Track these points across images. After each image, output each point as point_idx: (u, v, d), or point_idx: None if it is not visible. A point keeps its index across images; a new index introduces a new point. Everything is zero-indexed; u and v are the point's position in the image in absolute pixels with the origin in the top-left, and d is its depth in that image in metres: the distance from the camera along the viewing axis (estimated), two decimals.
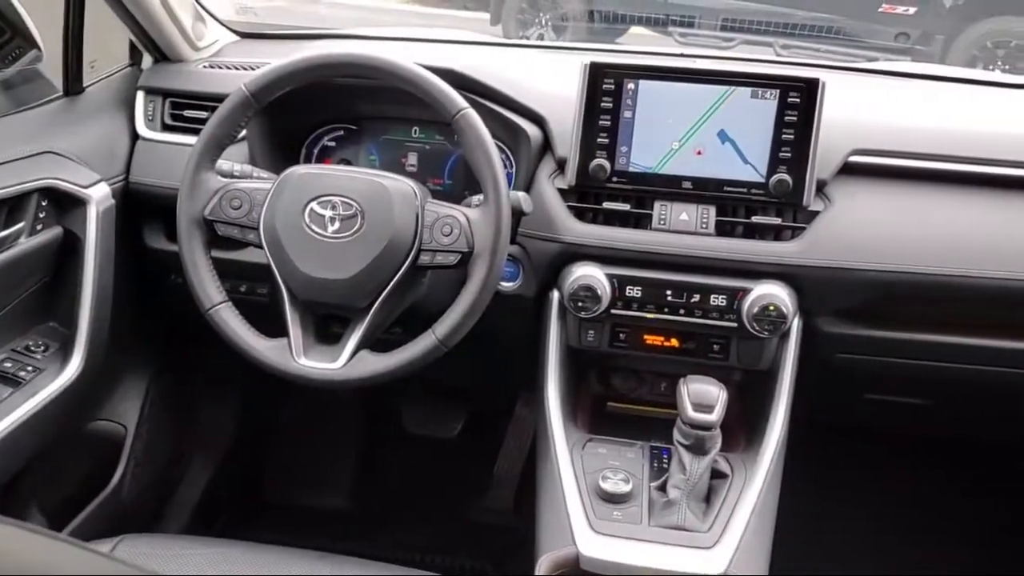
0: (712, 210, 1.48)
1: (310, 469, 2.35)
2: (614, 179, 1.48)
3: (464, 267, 1.33)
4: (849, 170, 1.48)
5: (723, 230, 1.48)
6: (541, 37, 5.72)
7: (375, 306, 1.33)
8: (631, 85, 1.45)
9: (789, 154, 1.42)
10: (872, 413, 1.78)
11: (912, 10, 5.39)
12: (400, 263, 1.32)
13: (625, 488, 1.33)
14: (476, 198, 1.37)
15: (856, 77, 1.88)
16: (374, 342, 1.36)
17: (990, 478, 2.17)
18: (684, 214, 1.48)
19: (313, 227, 1.32)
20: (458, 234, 1.32)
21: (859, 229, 1.46)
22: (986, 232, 1.47)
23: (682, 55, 1.82)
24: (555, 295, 1.52)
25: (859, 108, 1.61)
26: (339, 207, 1.32)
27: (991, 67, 5.21)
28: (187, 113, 1.72)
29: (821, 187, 1.47)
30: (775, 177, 1.43)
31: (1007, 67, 5.18)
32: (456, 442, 2.34)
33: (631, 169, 1.48)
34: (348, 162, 1.72)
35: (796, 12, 5.14)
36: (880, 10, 5.37)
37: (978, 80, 1.88)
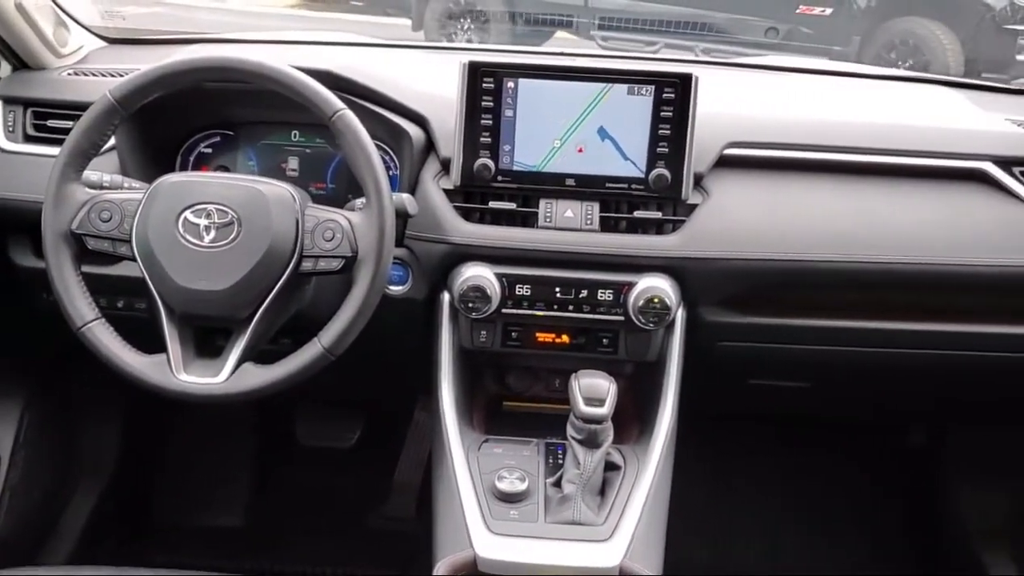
0: (596, 206, 1.49)
1: (202, 488, 2.28)
2: (499, 178, 1.48)
3: (349, 272, 1.31)
4: (725, 163, 1.52)
5: (607, 226, 1.49)
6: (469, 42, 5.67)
7: (257, 316, 1.29)
8: (511, 84, 1.45)
9: (666, 149, 1.45)
10: (757, 398, 1.84)
11: (828, 11, 5.61)
12: (281, 271, 1.29)
13: (521, 487, 1.33)
14: (359, 201, 1.35)
15: (731, 72, 1.93)
16: (258, 354, 1.32)
17: (871, 454, 2.27)
18: (569, 211, 1.49)
19: (188, 237, 1.28)
20: (340, 238, 1.29)
21: (736, 220, 1.50)
22: (858, 218, 1.53)
23: (562, 53, 1.84)
24: (445, 297, 1.52)
25: (733, 102, 1.66)
26: (214, 215, 1.28)
27: (900, 64, 5.44)
28: (51, 123, 1.63)
29: (699, 180, 1.50)
30: (654, 172, 1.46)
31: (910, 64, 5.42)
32: (354, 451, 2.31)
33: (515, 168, 1.48)
34: (226, 169, 1.67)
35: (715, 15, 5.25)
36: (797, 11, 5.56)
37: (846, 72, 1.97)
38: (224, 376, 1.28)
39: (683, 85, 1.43)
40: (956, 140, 1.58)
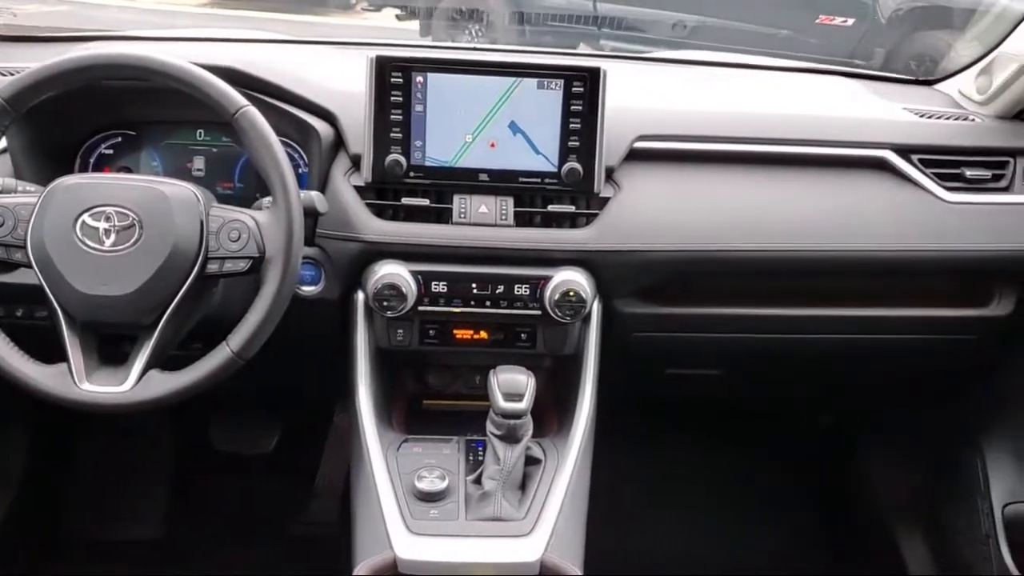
0: (510, 201, 1.49)
1: (115, 499, 2.20)
2: (411, 174, 1.47)
3: (257, 273, 1.28)
4: (635, 156, 1.54)
5: (522, 220, 1.49)
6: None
7: (162, 322, 1.26)
8: (420, 79, 1.44)
9: (578, 143, 1.46)
10: (673, 386, 1.87)
11: (850, 21, 5.65)
12: (186, 274, 1.25)
13: (441, 485, 1.33)
14: (266, 200, 1.32)
15: (640, 66, 1.95)
16: (167, 360, 1.29)
17: (786, 437, 2.33)
18: (483, 206, 1.48)
19: (86, 241, 1.23)
20: (247, 239, 1.27)
21: (647, 212, 1.52)
22: (764, 207, 1.56)
23: (475, 48, 1.83)
24: (360, 296, 1.49)
25: (643, 96, 1.68)
26: (114, 218, 1.24)
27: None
28: None
29: (610, 174, 1.52)
30: (566, 166, 1.46)
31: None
32: (273, 456, 2.26)
33: (427, 163, 1.47)
34: (129, 170, 1.61)
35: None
36: (817, 22, 5.59)
37: (752, 65, 2.00)
38: (129, 384, 1.24)
39: (592, 79, 1.44)
40: (857, 129, 1.63)
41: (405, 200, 1.48)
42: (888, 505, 2.09)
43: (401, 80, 1.44)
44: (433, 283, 1.47)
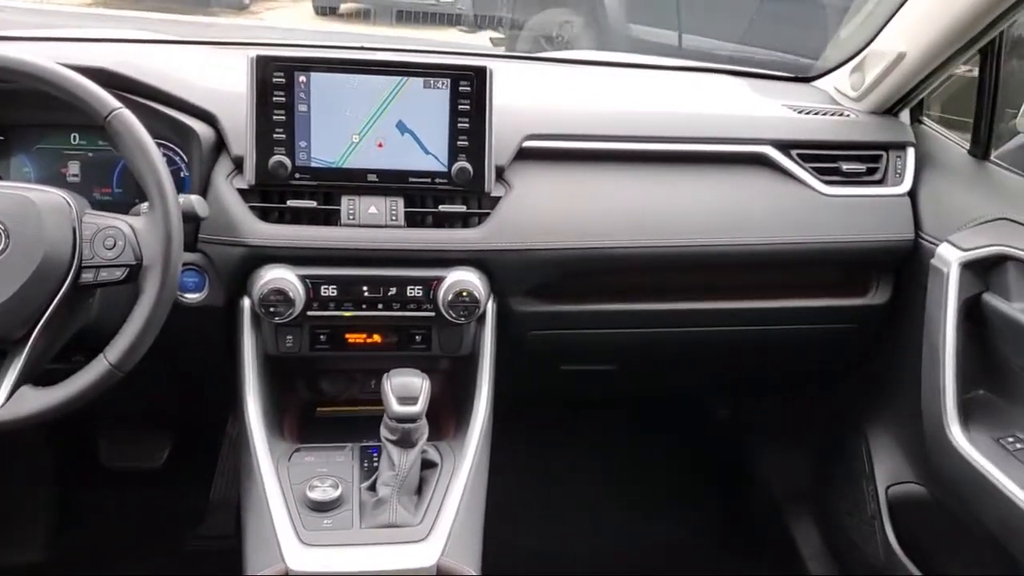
0: (400, 202, 1.47)
1: None
2: (296, 176, 1.43)
3: (135, 282, 1.23)
4: (525, 155, 1.54)
5: (413, 221, 1.47)
6: None
7: (33, 335, 1.19)
8: (303, 78, 1.41)
9: (466, 142, 1.45)
10: (570, 383, 1.88)
11: None
12: (58, 284, 1.19)
13: (334, 494, 1.30)
14: (144, 206, 1.27)
15: (529, 65, 1.96)
16: (44, 374, 1.22)
17: (683, 429, 2.38)
18: (373, 207, 1.46)
19: None
20: (123, 246, 1.21)
21: (537, 211, 1.52)
22: (651, 204, 1.59)
23: (362, 47, 1.80)
24: (246, 302, 1.45)
25: (532, 95, 1.69)
26: None
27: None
28: None
29: (501, 173, 1.51)
30: (456, 165, 1.45)
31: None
32: (165, 470, 2.18)
33: (313, 164, 1.44)
34: None
35: None
36: None
37: (639, 64, 2.04)
38: None
39: (478, 78, 1.43)
40: (739, 126, 1.67)
41: (291, 202, 1.44)
42: (781, 492, 2.15)
43: (283, 80, 1.40)
44: (322, 287, 1.43)
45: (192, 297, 1.45)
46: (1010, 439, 1.41)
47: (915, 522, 1.73)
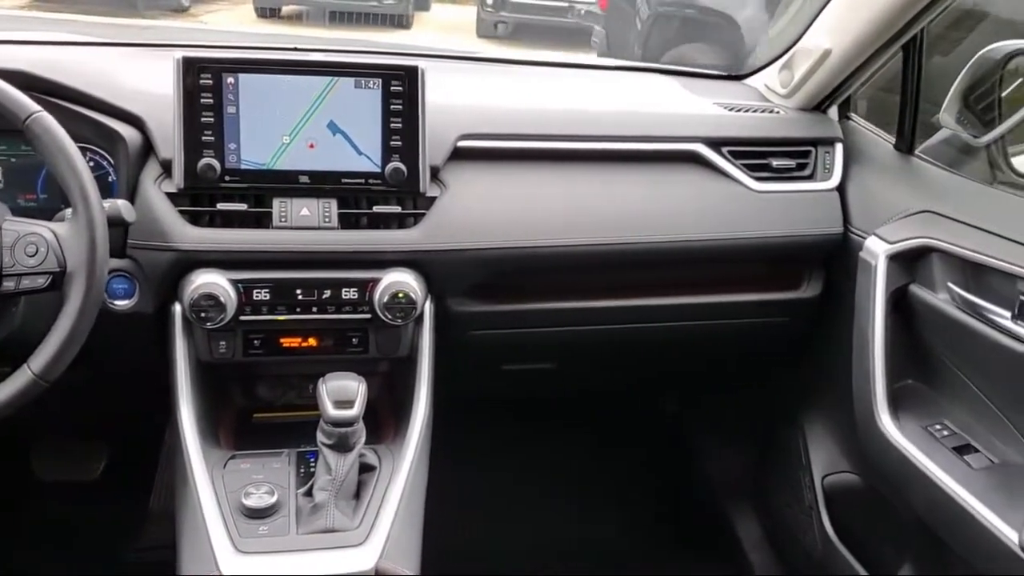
0: (333, 203, 1.45)
1: None
2: (226, 178, 1.41)
3: (59, 289, 1.20)
4: (460, 155, 1.54)
5: (347, 222, 1.46)
6: None
7: None
8: (231, 79, 1.38)
9: (400, 142, 1.44)
10: (512, 383, 1.88)
11: None
12: None
13: (270, 500, 1.28)
14: (68, 211, 1.24)
15: (463, 65, 1.96)
16: None
17: (627, 426, 2.39)
18: (305, 209, 1.44)
19: None
20: (45, 253, 1.18)
21: (473, 210, 1.52)
22: (585, 203, 1.59)
23: (295, 48, 1.78)
24: (177, 308, 1.42)
25: (466, 95, 1.68)
26: None
27: None
28: None
29: (436, 173, 1.51)
30: (390, 166, 1.44)
31: None
32: (102, 483, 2.13)
33: (243, 167, 1.42)
34: None
35: None
36: None
37: (575, 64, 2.05)
38: None
39: (410, 77, 1.42)
40: (671, 124, 1.69)
41: (221, 205, 1.42)
42: (722, 486, 2.18)
43: (211, 81, 1.38)
44: (255, 291, 1.41)
45: (122, 304, 1.42)
46: (937, 426, 1.45)
47: (850, 511, 1.77)
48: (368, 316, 1.46)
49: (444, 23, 9.71)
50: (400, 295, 1.43)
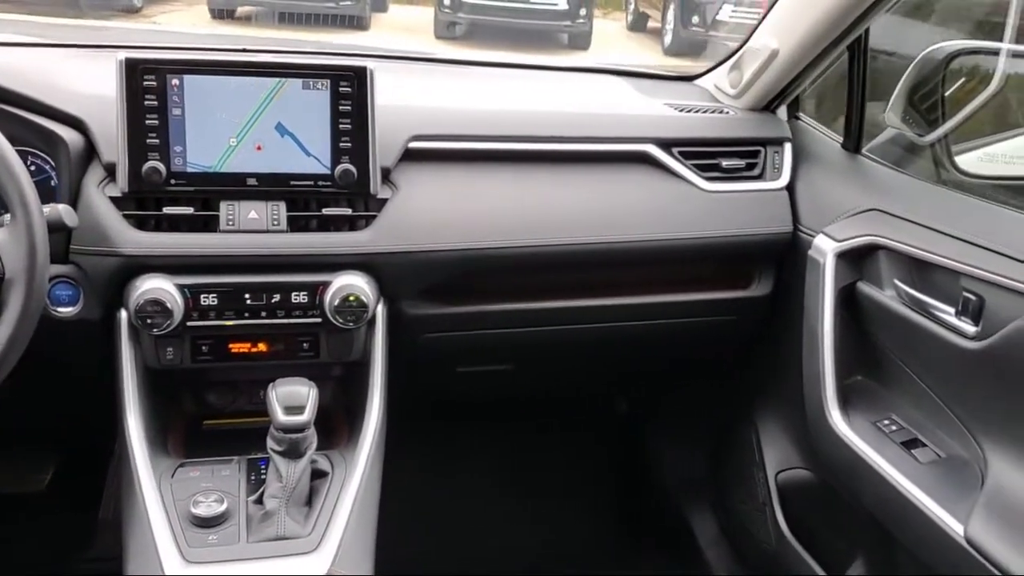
0: (282, 206, 1.44)
1: None
2: (172, 182, 1.39)
3: None
4: (411, 156, 1.53)
5: (297, 225, 1.44)
6: None
7: None
8: (175, 81, 1.36)
9: (350, 144, 1.42)
10: (467, 385, 1.87)
11: None
12: None
13: (219, 509, 1.26)
14: (6, 217, 1.21)
15: (414, 66, 1.95)
16: None
17: (583, 427, 2.40)
18: (253, 212, 1.42)
19: None
20: None
21: (424, 212, 1.51)
22: (537, 204, 1.59)
23: (241, 49, 1.76)
24: (123, 314, 1.39)
25: (417, 95, 1.67)
26: None
27: None
28: None
29: (387, 174, 1.50)
30: (339, 167, 1.43)
31: None
32: (49, 493, 2.08)
33: (189, 170, 1.39)
34: None
35: None
36: None
37: (527, 65, 2.05)
38: None
39: (359, 78, 1.41)
40: (622, 125, 1.69)
41: (167, 209, 1.40)
42: (679, 484, 2.19)
43: (155, 83, 1.36)
44: (202, 296, 1.39)
45: (65, 311, 1.39)
46: (886, 421, 1.47)
47: (803, 506, 1.78)
48: (319, 320, 1.44)
49: (402, 24, 9.69)
50: (351, 298, 1.41)
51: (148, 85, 1.35)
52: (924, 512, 1.28)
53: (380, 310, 1.49)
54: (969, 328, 1.29)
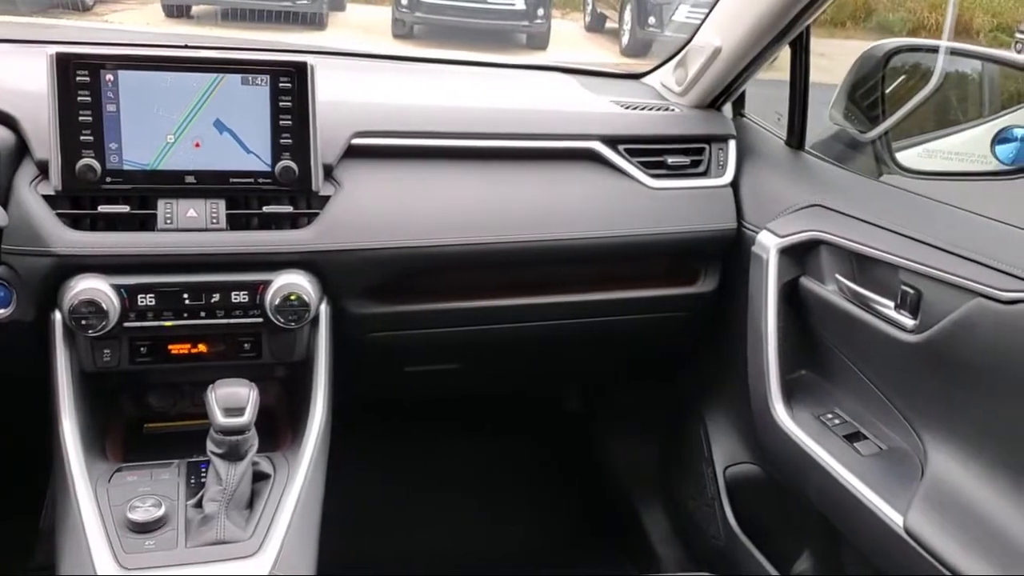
0: (221, 204, 1.41)
1: None
2: (108, 180, 1.36)
3: None
4: (355, 153, 1.51)
5: (237, 224, 1.42)
6: None
7: None
8: (109, 76, 1.33)
9: (290, 140, 1.40)
10: (415, 385, 1.86)
11: None
12: None
13: (157, 513, 1.23)
14: None
15: (358, 62, 1.93)
16: None
17: (533, 425, 2.40)
18: (192, 210, 1.40)
19: None
20: None
21: (368, 210, 1.49)
22: (482, 201, 1.58)
23: (184, 46, 1.73)
24: (57, 316, 1.36)
25: (360, 92, 1.66)
26: None
27: None
28: None
29: (329, 172, 1.48)
30: (280, 164, 1.41)
31: None
32: None
33: (125, 167, 1.36)
34: None
35: None
36: None
37: (473, 62, 2.04)
38: None
39: (299, 74, 1.39)
40: (568, 122, 1.69)
41: (102, 208, 1.36)
42: (630, 481, 2.19)
43: (88, 78, 1.32)
44: (139, 296, 1.36)
45: None
46: (829, 415, 1.48)
47: (752, 500, 1.80)
48: (260, 320, 1.42)
49: (360, 24, 9.64)
50: (292, 297, 1.39)
51: (81, 80, 1.32)
52: (865, 504, 1.29)
53: (323, 309, 1.47)
54: (908, 321, 1.31)
